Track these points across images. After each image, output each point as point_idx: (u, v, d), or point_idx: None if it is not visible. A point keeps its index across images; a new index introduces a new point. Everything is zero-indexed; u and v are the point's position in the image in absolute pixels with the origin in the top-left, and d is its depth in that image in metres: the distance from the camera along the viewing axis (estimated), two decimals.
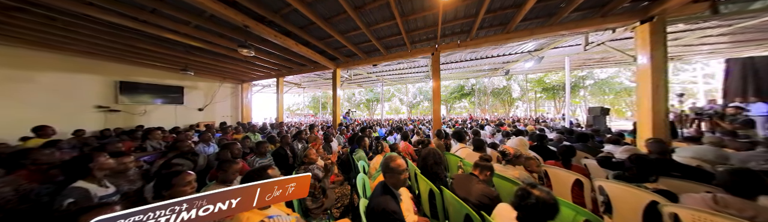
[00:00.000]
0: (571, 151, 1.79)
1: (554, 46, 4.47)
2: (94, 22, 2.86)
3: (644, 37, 2.58)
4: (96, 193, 1.25)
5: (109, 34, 3.27)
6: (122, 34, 3.31)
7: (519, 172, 1.51)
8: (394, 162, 1.06)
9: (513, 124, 6.23)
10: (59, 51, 3.95)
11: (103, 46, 3.78)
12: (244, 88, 7.55)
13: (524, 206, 0.77)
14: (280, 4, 2.59)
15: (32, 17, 2.66)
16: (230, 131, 4.14)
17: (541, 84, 13.62)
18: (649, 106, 2.51)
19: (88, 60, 4.41)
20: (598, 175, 1.87)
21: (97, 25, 2.95)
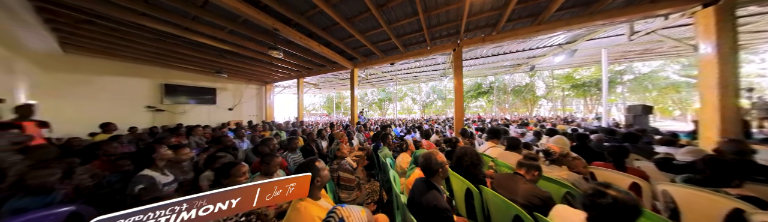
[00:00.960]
0: (623, 152, 1.61)
1: (591, 37, 4.08)
2: (145, 30, 3.23)
3: (708, 23, 2.23)
4: (160, 180, 1.39)
5: (156, 41, 3.67)
6: (166, 41, 3.70)
7: (566, 173, 1.39)
8: (439, 155, 1.04)
9: (539, 124, 5.81)
10: (114, 58, 4.52)
11: (150, 52, 4.25)
12: (268, 89, 8.00)
13: (597, 206, 0.70)
14: (306, 6, 2.68)
15: (96, 28, 3.08)
16: (259, 129, 4.42)
17: (570, 80, 12.46)
18: (715, 102, 2.17)
19: (138, 65, 4.99)
20: (656, 179, 1.66)
21: (147, 33, 3.33)
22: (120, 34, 3.28)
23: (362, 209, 0.63)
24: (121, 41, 3.57)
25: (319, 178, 0.94)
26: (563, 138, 2.04)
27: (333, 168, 1.65)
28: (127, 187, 1.29)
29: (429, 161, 1.02)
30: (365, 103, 20.56)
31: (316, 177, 0.93)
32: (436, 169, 1.01)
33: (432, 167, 1.01)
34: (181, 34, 3.23)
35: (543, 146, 1.56)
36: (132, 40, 3.56)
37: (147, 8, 2.53)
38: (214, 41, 3.61)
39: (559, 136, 2.07)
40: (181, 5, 2.49)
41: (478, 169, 1.37)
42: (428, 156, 1.05)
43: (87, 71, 4.37)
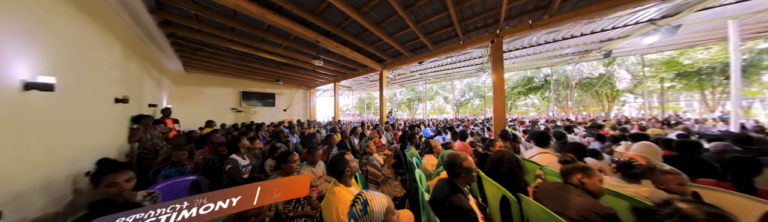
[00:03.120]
0: (754, 167, 1.11)
1: (704, 5, 2.92)
2: (230, 51, 4.38)
3: None
4: (241, 162, 1.87)
5: (237, 59, 4.91)
6: (243, 58, 4.90)
7: (650, 190, 1.07)
8: (466, 160, 1.01)
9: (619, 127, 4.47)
10: (213, 73, 6.28)
11: (233, 68, 5.69)
12: (311, 93, 9.22)
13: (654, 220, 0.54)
14: (340, 18, 3.02)
15: (204, 53, 4.37)
16: (305, 126, 5.18)
17: (675, 67, 8.71)
18: None
19: (225, 78, 6.75)
20: None
21: (232, 53, 4.51)
22: (217, 56, 4.58)
23: (383, 196, 0.70)
24: (218, 61, 4.96)
25: (349, 169, 1.08)
26: (652, 145, 1.56)
27: (362, 162, 1.80)
28: (223, 166, 1.79)
29: (452, 163, 1.00)
30: (394, 104, 20.69)
31: (346, 167, 1.08)
32: (458, 172, 0.98)
33: (454, 170, 0.99)
34: (252, 53, 4.24)
35: (620, 156, 1.24)
36: (223, 60, 4.89)
37: (233, 36, 3.45)
38: (274, 56, 4.55)
39: (646, 142, 1.57)
40: (253, 30, 3.26)
41: (518, 177, 1.23)
42: (453, 157, 1.03)
43: (198, 84, 6.26)
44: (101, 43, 1.94)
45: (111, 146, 2.06)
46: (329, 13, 2.87)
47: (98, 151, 1.77)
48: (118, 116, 2.24)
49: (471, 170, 0.98)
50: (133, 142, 2.48)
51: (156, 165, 2.15)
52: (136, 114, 2.59)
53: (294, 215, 1.25)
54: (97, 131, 1.83)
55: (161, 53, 3.93)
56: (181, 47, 4.03)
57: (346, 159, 1.09)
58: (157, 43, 3.38)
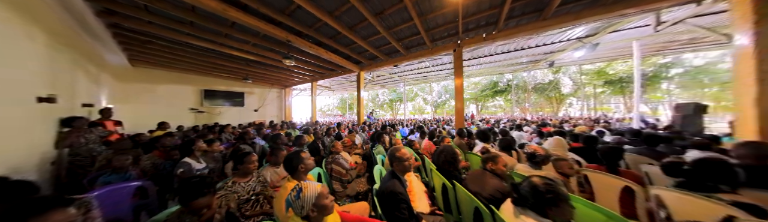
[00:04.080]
0: (616, 153, 1.54)
1: (614, 29, 3.72)
2: (190, 46, 3.98)
3: (746, 8, 1.95)
4: (195, 166, 1.79)
5: (198, 55, 4.48)
6: (205, 54, 4.49)
7: (545, 173, 1.41)
8: (399, 151, 1.19)
9: (559, 125, 5.37)
10: (167, 69, 5.56)
11: (193, 63, 5.14)
12: (286, 92, 8.82)
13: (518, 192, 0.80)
14: (313, 19, 3.03)
15: (156, 47, 3.90)
16: (278, 128, 4.97)
17: (603, 76, 11.04)
18: (752, 100, 1.89)
19: (183, 74, 6.04)
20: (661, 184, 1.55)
21: (192, 48, 4.11)
22: (171, 50, 4.11)
23: (319, 185, 0.82)
24: (172, 55, 4.45)
25: (303, 165, 1.18)
26: (561, 139, 1.99)
27: (327, 161, 1.90)
28: (174, 170, 1.70)
29: (392, 155, 1.19)
30: (377, 104, 20.90)
31: (300, 164, 1.17)
32: (392, 161, 1.17)
33: (391, 160, 1.17)
34: (216, 48, 3.92)
35: (528, 148, 1.58)
36: (180, 55, 4.41)
37: (192, 30, 3.17)
38: (242, 53, 4.26)
39: (556, 137, 2.01)
40: (216, 26, 3.06)
41: (454, 167, 1.48)
42: (391, 151, 1.21)
43: (148, 80, 5.48)
44: (18, 33, 1.67)
45: (29, 154, 1.77)
46: (300, 14, 2.88)
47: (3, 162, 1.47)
48: (42, 118, 1.95)
49: (403, 160, 1.16)
50: (63, 147, 2.15)
51: (93, 172, 1.92)
52: (67, 115, 2.25)
53: (251, 214, 1.29)
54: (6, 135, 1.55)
55: (100, 46, 3.40)
56: (127, 39, 3.54)
57: (301, 156, 1.18)
58: (93, 33, 2.94)
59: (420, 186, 1.68)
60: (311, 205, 0.75)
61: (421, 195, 1.58)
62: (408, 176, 1.57)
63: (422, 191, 1.65)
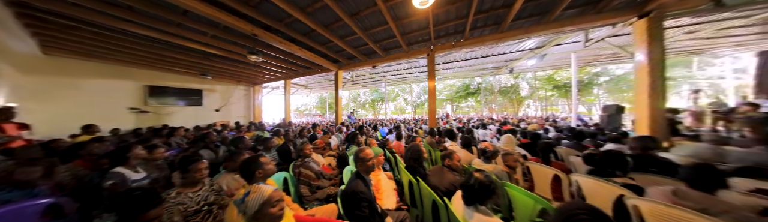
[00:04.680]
0: (549, 148, 1.85)
1: (556, 43, 4.39)
2: (131, 35, 3.35)
3: (641, 32, 2.53)
4: (130, 177, 1.55)
5: (142, 45, 3.78)
6: (153, 45, 3.82)
7: (493, 167, 1.61)
8: (363, 152, 1.24)
9: (517, 124, 6.12)
10: (98, 60, 4.57)
11: (136, 55, 4.34)
12: (256, 90, 8.08)
13: (464, 186, 0.91)
14: (283, 14, 2.85)
15: (81, 33, 3.17)
16: (243, 130, 4.53)
17: (551, 81, 13.03)
18: (646, 103, 2.46)
19: (121, 67, 5.03)
20: (582, 172, 1.91)
21: (134, 37, 3.45)
22: (104, 38, 3.38)
23: (271, 189, 0.80)
24: (106, 45, 3.67)
25: (262, 171, 1.11)
26: (510, 136, 2.28)
27: (296, 164, 1.83)
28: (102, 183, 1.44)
29: (356, 155, 1.22)
30: (359, 104, 20.70)
31: (258, 169, 1.10)
32: (356, 162, 1.21)
33: (356, 160, 1.21)
34: (166, 39, 3.37)
35: (481, 145, 1.77)
36: (117, 44, 3.66)
37: (132, 16, 2.67)
38: (199, 45, 3.75)
39: (507, 134, 2.31)
40: (164, 13, 2.63)
41: (417, 163, 1.58)
42: (356, 151, 1.25)
43: (69, 74, 4.40)
44: None
45: None
46: (268, 7, 2.68)
47: None
48: None
49: (366, 160, 1.21)
50: None
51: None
52: None
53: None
54: None
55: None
56: (38, 22, 2.80)
57: (259, 161, 1.12)
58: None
59: (389, 184, 1.75)
60: (253, 212, 0.72)
61: (389, 192, 1.65)
62: (376, 175, 1.63)
63: (391, 189, 1.72)
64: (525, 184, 1.97)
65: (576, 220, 0.58)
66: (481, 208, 0.89)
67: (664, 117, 2.42)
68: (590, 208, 0.61)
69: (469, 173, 0.95)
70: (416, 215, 1.60)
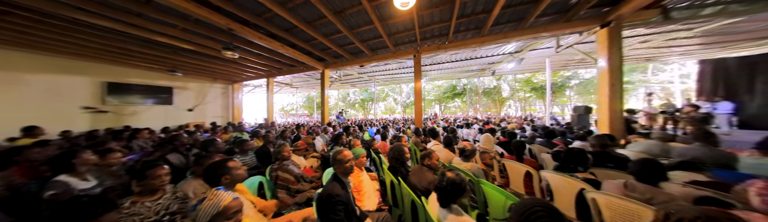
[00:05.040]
0: (522, 146, 1.96)
1: (532, 48, 4.69)
2: (83, 25, 2.94)
3: (603, 40, 2.79)
4: (76, 186, 1.36)
5: (98, 37, 3.35)
6: (110, 37, 3.39)
7: (471, 165, 1.67)
8: (341, 154, 1.21)
9: (499, 123, 6.44)
10: (46, 52, 3.98)
11: (91, 48, 3.84)
12: (235, 88, 7.60)
13: (439, 187, 0.93)
14: (261, 8, 2.70)
15: (17, 20, 2.72)
16: (219, 131, 4.23)
17: (529, 84, 14.00)
18: (605, 104, 2.72)
19: (75, 61, 4.44)
20: (551, 168, 2.06)
21: (86, 27, 3.04)
22: (50, 27, 2.94)
23: (229, 198, 0.74)
24: (54, 35, 3.20)
25: (229, 176, 1.02)
26: (489, 136, 2.39)
27: (273, 168, 1.74)
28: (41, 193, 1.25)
29: (334, 157, 1.19)
30: (348, 103, 20.45)
31: (224, 175, 1.01)
32: (333, 164, 1.18)
33: (334, 162, 1.18)
34: (126, 30, 3.02)
35: (460, 144, 1.83)
36: (68, 35, 3.20)
37: (80, 2, 2.34)
38: (167, 38, 3.41)
39: (486, 134, 2.42)
40: (120, 1, 2.35)
41: (398, 163, 1.58)
42: (334, 153, 1.22)
43: (9, 67, 3.79)
44: None
45: None
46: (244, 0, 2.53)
47: None
48: None
49: (344, 162, 1.19)
50: None
51: None
52: None
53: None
54: None
55: None
56: None
57: (226, 166, 1.03)
58: None
59: (371, 184, 1.74)
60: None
61: (370, 193, 1.63)
62: (358, 176, 1.61)
63: (373, 189, 1.71)
64: (502, 181, 2.08)
65: (536, 216, 0.60)
66: (454, 208, 0.91)
67: (621, 117, 2.69)
68: (546, 204, 0.64)
69: (441, 173, 0.96)
70: (398, 215, 1.61)
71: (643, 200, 1.14)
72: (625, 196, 1.18)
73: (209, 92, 7.00)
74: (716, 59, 5.60)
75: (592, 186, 1.38)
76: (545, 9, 2.72)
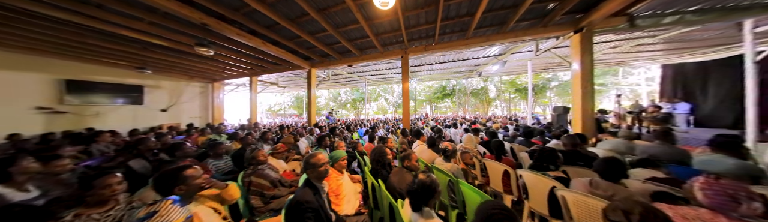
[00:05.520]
0: (500, 146, 2.02)
1: (514, 51, 4.88)
2: (36, 16, 2.62)
3: (576, 45, 2.96)
4: (12, 197, 1.20)
5: (53, 29, 3.00)
6: (68, 30, 3.06)
7: (450, 165, 1.69)
8: (315, 158, 1.16)
9: (485, 123, 6.64)
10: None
11: (47, 42, 3.44)
12: (215, 87, 7.19)
13: (410, 191, 0.91)
14: (238, 2, 2.55)
15: None
16: (195, 133, 3.96)
17: (514, 85, 14.64)
18: (579, 105, 2.88)
19: (27, 56, 3.96)
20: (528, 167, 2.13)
21: (39, 19, 2.70)
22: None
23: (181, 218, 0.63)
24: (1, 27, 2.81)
25: (184, 187, 0.89)
26: (471, 136, 2.44)
27: (246, 173, 1.65)
28: None
29: (306, 161, 1.14)
30: (339, 103, 20.18)
31: (178, 185, 0.89)
32: (306, 168, 1.13)
33: (307, 167, 1.13)
34: (86, 23, 2.73)
35: (442, 145, 1.84)
36: (16, 27, 2.85)
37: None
38: (134, 32, 3.13)
39: (468, 134, 2.47)
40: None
41: (379, 165, 1.56)
42: (307, 157, 1.17)
43: None
44: None
45: None
46: None
47: None
48: None
49: (317, 166, 1.14)
50: None
51: None
52: None
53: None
54: None
55: None
56: None
57: (182, 174, 0.91)
58: None
59: (353, 187, 1.69)
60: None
61: (350, 197, 1.59)
62: (336, 180, 1.56)
63: (354, 193, 1.67)
64: (483, 179, 2.12)
65: (494, 218, 0.61)
66: (426, 211, 0.89)
67: (592, 117, 2.87)
68: (503, 207, 0.65)
69: (414, 176, 0.95)
70: (379, 217, 1.58)
71: (606, 197, 1.20)
72: (590, 193, 1.24)
73: (186, 91, 6.55)
74: (676, 64, 6.18)
75: (563, 184, 1.44)
76: (524, 14, 2.83)
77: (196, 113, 6.97)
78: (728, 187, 0.78)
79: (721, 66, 5.03)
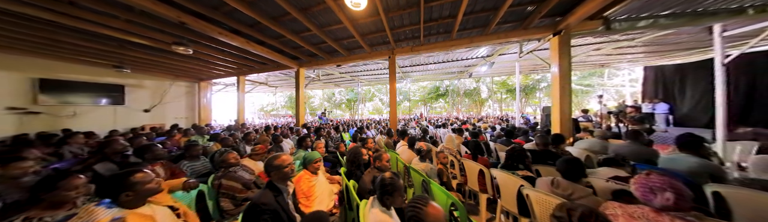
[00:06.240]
0: (477, 146, 2.05)
1: (501, 52, 4.96)
2: (2, 12, 2.48)
3: (555, 47, 3.03)
4: None
5: (23, 27, 2.88)
6: (38, 27, 2.93)
7: (425, 165, 1.71)
8: (278, 159, 1.15)
9: (475, 123, 6.74)
10: None
11: (16, 39, 3.29)
12: (202, 87, 7.03)
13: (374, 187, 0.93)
14: (216, 1, 2.51)
15: None
16: (177, 134, 3.86)
17: (505, 86, 14.88)
18: (557, 106, 2.95)
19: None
20: None
21: (6, 15, 2.58)
22: None
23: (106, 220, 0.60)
24: None
25: (132, 193, 0.86)
26: (451, 136, 2.47)
27: (217, 176, 1.62)
28: None
29: (269, 163, 1.13)
30: (333, 104, 20.04)
31: (126, 191, 0.86)
32: (269, 170, 1.12)
33: (270, 169, 1.12)
34: (58, 20, 2.62)
35: (418, 145, 1.86)
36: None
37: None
38: (111, 30, 3.03)
39: (451, 134, 2.50)
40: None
41: (353, 166, 1.56)
42: (269, 159, 1.16)
43: None
44: None
45: None
46: None
47: None
48: None
49: (281, 167, 1.13)
50: None
51: None
52: None
53: None
54: None
55: None
56: None
57: (130, 180, 0.87)
58: None
59: (327, 188, 1.69)
60: None
61: (323, 198, 1.58)
62: (308, 181, 1.55)
63: (330, 193, 1.66)
64: (461, 179, 2.15)
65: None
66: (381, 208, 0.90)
67: (570, 117, 2.95)
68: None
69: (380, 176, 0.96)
70: (352, 218, 1.58)
71: (565, 195, 1.24)
72: (551, 192, 1.27)
73: (171, 91, 6.36)
74: (657, 66, 6.43)
75: (530, 183, 1.48)
76: (505, 16, 2.88)
77: (183, 113, 6.79)
78: (651, 180, 0.81)
79: (696, 68, 5.26)
